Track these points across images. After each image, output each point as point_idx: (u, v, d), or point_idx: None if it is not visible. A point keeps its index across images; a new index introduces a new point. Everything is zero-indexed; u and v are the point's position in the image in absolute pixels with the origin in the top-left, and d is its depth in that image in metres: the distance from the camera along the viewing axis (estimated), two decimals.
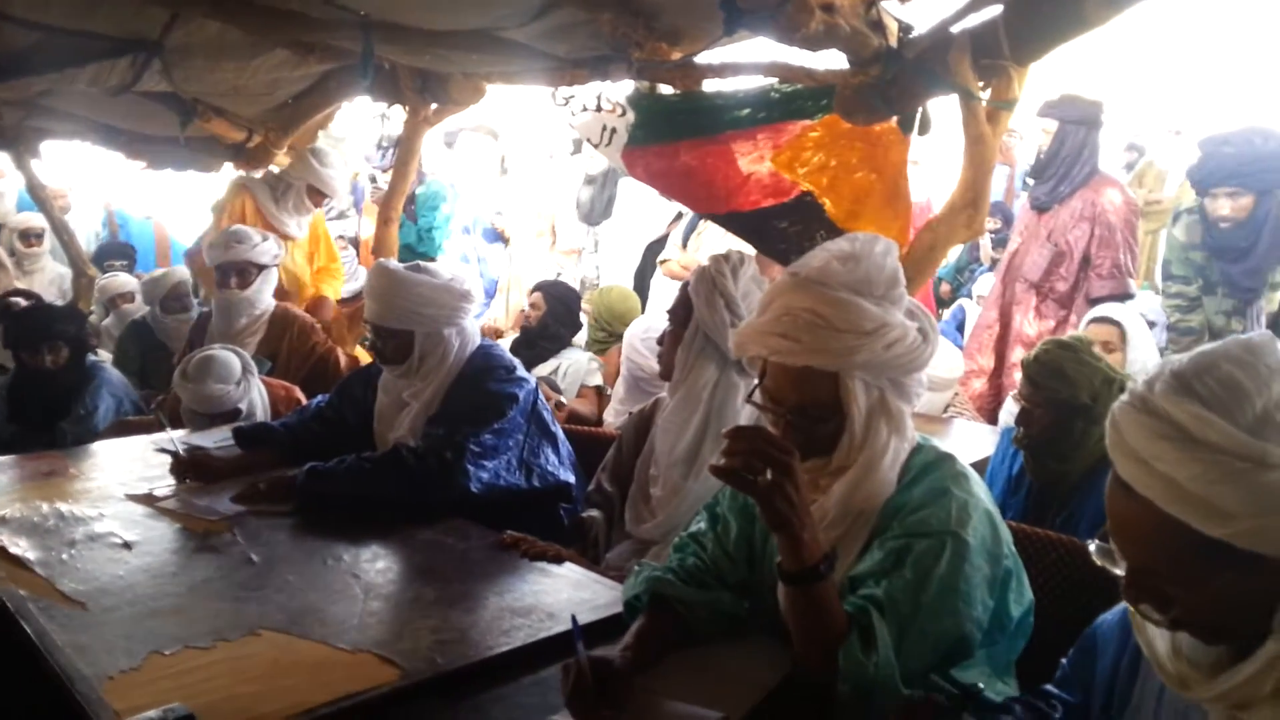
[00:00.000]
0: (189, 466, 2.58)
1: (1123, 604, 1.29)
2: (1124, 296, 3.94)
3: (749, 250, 2.86)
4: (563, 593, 1.88)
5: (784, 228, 2.89)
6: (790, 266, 1.57)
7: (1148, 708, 1.21)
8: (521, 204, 7.13)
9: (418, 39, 2.93)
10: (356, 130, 7.36)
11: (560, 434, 2.68)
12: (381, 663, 1.59)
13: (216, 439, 2.92)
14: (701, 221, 4.50)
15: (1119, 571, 1.08)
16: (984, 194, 2.63)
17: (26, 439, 3.40)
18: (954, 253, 7.12)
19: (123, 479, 2.61)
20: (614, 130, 3.27)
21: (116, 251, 6.17)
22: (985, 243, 7.26)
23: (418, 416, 2.56)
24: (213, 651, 1.63)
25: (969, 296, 6.42)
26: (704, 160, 3.00)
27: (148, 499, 2.43)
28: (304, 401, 3.52)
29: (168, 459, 2.67)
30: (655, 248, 5.70)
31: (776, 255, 2.96)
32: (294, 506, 2.35)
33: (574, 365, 4.33)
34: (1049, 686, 1.37)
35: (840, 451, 1.51)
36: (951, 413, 4.20)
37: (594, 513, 2.35)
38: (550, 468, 2.58)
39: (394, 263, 2.70)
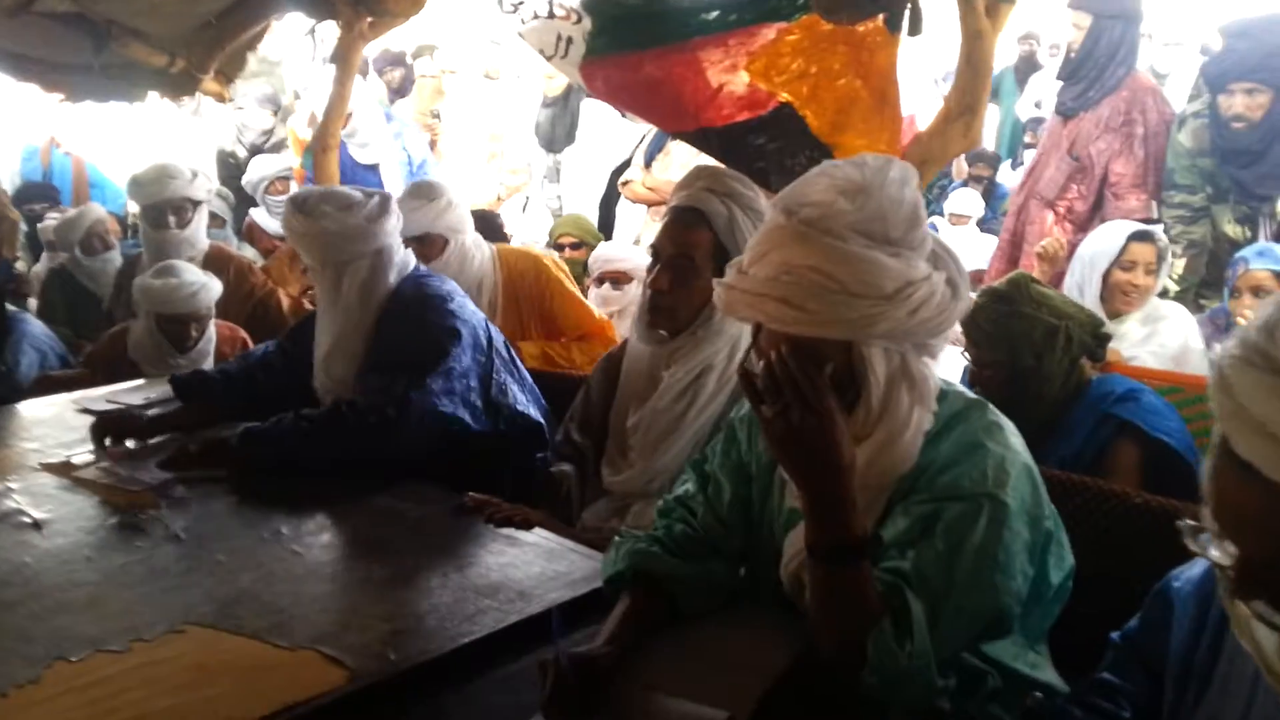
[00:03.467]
0: (110, 426, 2.31)
1: (1197, 563, 1.10)
2: (1145, 222, 3.42)
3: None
4: (534, 565, 1.66)
5: (762, 144, 2.64)
6: (783, 198, 1.29)
7: (1237, 696, 1.02)
8: (462, 126, 6.70)
9: None
10: (291, 52, 6.92)
11: (522, 369, 2.44)
12: (326, 662, 1.37)
13: (145, 396, 2.67)
14: (669, 141, 4.21)
15: (1218, 557, 0.87)
16: (982, 98, 2.41)
17: None
18: None
19: (38, 445, 2.34)
20: (570, 40, 2.97)
21: (38, 193, 5.65)
22: (959, 158, 7.01)
23: (331, 357, 2.30)
24: (127, 656, 1.40)
25: (941, 214, 6.22)
26: (670, 71, 2.72)
27: (64, 468, 2.17)
28: (249, 344, 3.26)
29: (90, 420, 2.42)
30: (621, 172, 5.41)
31: (755, 175, 2.71)
32: (229, 471, 2.10)
33: None
34: (1107, 675, 1.18)
35: (855, 423, 1.27)
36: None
37: (565, 466, 2.11)
38: (520, 407, 2.33)
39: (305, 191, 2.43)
